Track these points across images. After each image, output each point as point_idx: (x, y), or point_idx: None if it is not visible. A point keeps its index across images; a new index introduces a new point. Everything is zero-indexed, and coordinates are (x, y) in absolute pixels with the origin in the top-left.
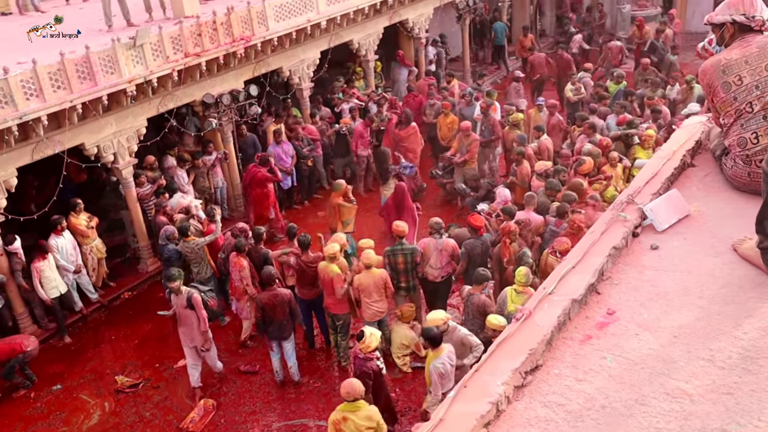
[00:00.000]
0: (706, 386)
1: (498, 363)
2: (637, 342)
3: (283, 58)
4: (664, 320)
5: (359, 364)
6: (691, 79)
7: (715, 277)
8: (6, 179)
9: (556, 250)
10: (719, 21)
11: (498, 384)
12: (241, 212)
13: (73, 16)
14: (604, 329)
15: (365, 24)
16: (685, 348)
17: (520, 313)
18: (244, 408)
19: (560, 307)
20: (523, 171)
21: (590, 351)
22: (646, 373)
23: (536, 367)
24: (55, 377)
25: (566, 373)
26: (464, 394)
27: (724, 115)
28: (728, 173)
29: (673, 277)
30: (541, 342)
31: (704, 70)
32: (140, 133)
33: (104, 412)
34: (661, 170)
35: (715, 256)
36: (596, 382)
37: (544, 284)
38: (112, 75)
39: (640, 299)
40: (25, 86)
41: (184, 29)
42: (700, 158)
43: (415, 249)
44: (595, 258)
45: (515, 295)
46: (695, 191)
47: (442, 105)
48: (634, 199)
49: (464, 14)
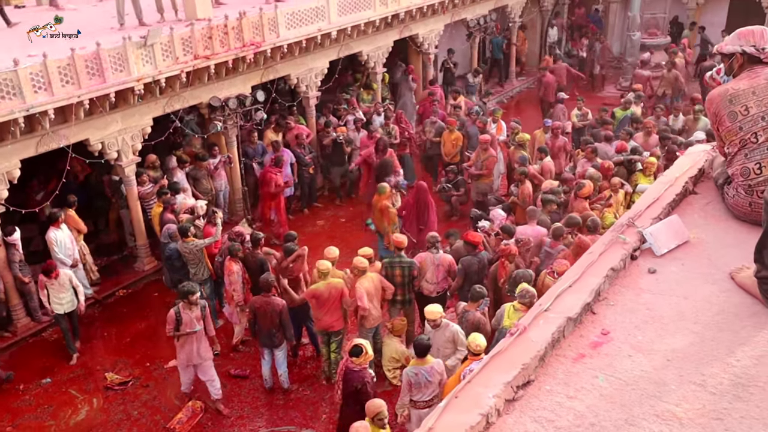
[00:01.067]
0: (696, 410)
1: (491, 375)
2: (630, 363)
3: (292, 66)
4: (657, 343)
5: (355, 377)
6: (699, 110)
7: (711, 303)
8: (9, 170)
9: (554, 271)
10: (729, 51)
11: (489, 396)
12: (240, 216)
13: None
14: (597, 349)
15: (375, 36)
16: (678, 372)
17: (515, 328)
18: (233, 412)
19: (555, 324)
20: (524, 191)
21: (583, 369)
22: (637, 395)
23: (528, 382)
24: (45, 371)
25: (558, 390)
26: (455, 405)
27: (728, 144)
28: (730, 202)
29: (669, 301)
30: (534, 357)
31: (711, 99)
32: (145, 132)
33: (92, 408)
34: (663, 195)
35: (712, 283)
36: (587, 401)
37: (540, 301)
38: (121, 73)
39: (635, 321)
40: (34, 79)
41: (195, 31)
42: (702, 186)
43: (413, 263)
44: (593, 278)
45: (513, 312)
46: (696, 218)
47: (448, 121)
48: (634, 222)
49: (474, 32)
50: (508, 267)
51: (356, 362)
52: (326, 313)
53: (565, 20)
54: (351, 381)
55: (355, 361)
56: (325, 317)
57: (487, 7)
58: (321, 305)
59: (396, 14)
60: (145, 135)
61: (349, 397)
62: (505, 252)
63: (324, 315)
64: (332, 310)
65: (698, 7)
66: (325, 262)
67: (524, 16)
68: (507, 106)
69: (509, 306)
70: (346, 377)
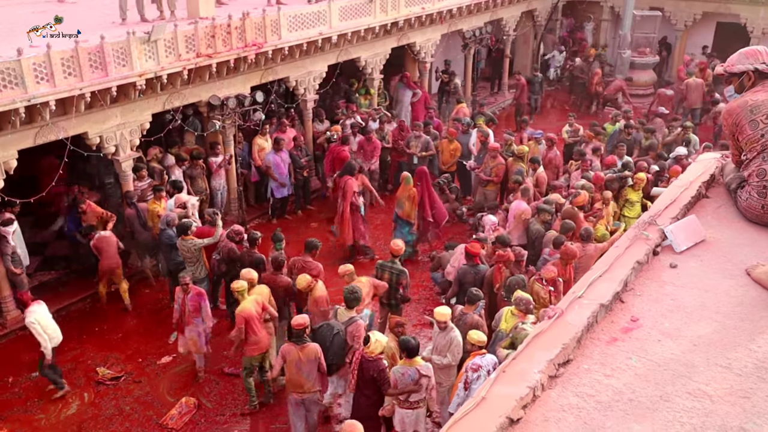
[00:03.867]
0: (724, 389)
1: (534, 353)
2: (660, 347)
3: (292, 68)
4: (684, 330)
5: (371, 366)
6: (689, 126)
7: (730, 296)
8: (6, 160)
9: (542, 278)
10: (740, 70)
11: (535, 371)
12: (235, 215)
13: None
14: (628, 333)
15: (374, 43)
16: (704, 355)
17: (552, 311)
18: (226, 409)
19: (589, 309)
20: None
21: (616, 351)
22: (669, 374)
23: (568, 361)
24: (35, 364)
25: (595, 369)
26: (503, 378)
27: (748, 151)
28: (742, 205)
29: (691, 293)
30: (572, 339)
31: (730, 110)
32: (144, 127)
33: (83, 402)
34: (679, 198)
35: (729, 278)
36: (623, 379)
37: (574, 288)
38: (124, 67)
39: (661, 310)
40: (37, 70)
41: (198, 29)
42: (714, 191)
43: (403, 272)
44: (621, 270)
45: (510, 316)
46: (709, 220)
47: (448, 131)
48: (656, 221)
49: (470, 43)
50: (504, 273)
51: (369, 351)
52: (260, 331)
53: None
54: (367, 370)
55: (368, 349)
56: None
57: (483, 19)
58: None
59: (395, 22)
60: (143, 130)
61: (366, 386)
62: (502, 258)
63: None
64: (260, 330)
65: (686, 29)
66: (242, 282)
67: (518, 30)
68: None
69: (507, 310)
70: (362, 366)
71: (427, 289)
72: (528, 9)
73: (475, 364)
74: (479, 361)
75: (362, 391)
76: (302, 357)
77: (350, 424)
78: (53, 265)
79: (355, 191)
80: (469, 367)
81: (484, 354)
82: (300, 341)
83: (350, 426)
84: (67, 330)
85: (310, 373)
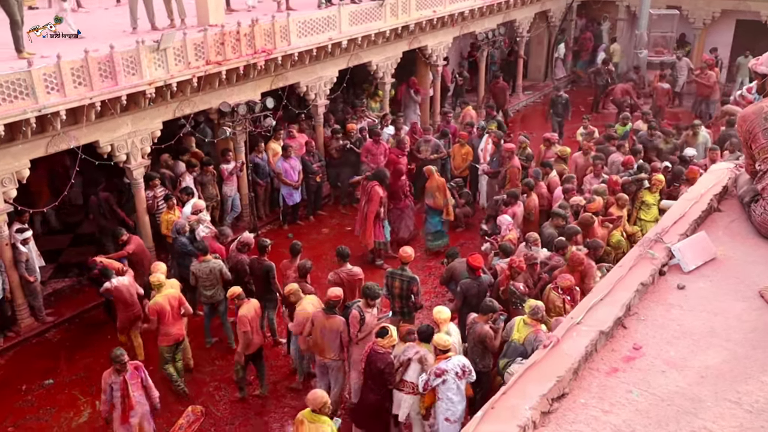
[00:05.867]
0: (732, 428)
1: (526, 387)
2: (664, 379)
3: (302, 74)
4: (690, 359)
5: (380, 359)
6: (697, 125)
7: (742, 321)
8: (19, 170)
9: (558, 287)
10: (763, 71)
11: (526, 408)
12: (247, 222)
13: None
14: (630, 363)
15: (385, 47)
16: (712, 389)
17: (548, 340)
18: (236, 418)
19: (588, 337)
20: (530, 203)
21: (616, 383)
22: (673, 411)
23: (563, 395)
24: (47, 372)
25: (592, 404)
26: (492, 415)
27: (761, 161)
28: (757, 220)
29: (700, 317)
30: (568, 370)
31: (745, 116)
32: (155, 135)
33: (94, 410)
34: (689, 212)
35: (742, 301)
36: (623, 415)
37: (572, 314)
38: (134, 76)
39: (667, 337)
40: (47, 80)
41: (207, 37)
42: (727, 204)
43: (414, 278)
44: (623, 292)
45: (522, 326)
46: (721, 235)
47: (459, 135)
48: (662, 238)
49: (483, 45)
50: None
51: (381, 344)
52: (172, 324)
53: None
54: (375, 362)
55: (380, 342)
56: (172, 329)
57: (495, 21)
58: (165, 318)
59: (406, 26)
60: (154, 138)
61: (373, 378)
62: (511, 264)
63: (170, 327)
64: (176, 321)
65: (705, 27)
66: (158, 275)
67: (532, 31)
68: (513, 120)
69: (519, 320)
70: (370, 359)
71: (439, 296)
72: (542, 10)
73: (440, 369)
74: (443, 365)
75: (369, 385)
76: (327, 326)
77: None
78: (67, 272)
79: (381, 198)
80: (433, 371)
81: (449, 358)
82: (329, 312)
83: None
84: (80, 338)
85: (333, 342)
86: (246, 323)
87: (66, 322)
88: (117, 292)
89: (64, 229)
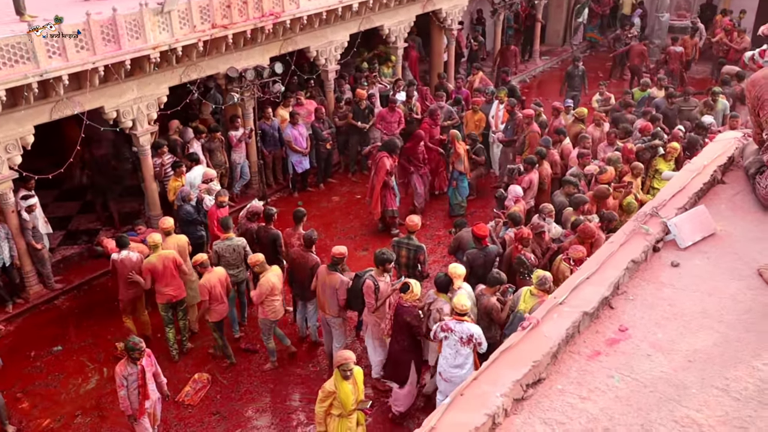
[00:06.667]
0: (718, 417)
1: (499, 372)
2: (649, 363)
3: (312, 38)
4: (679, 342)
5: (406, 312)
6: (718, 91)
7: (736, 301)
8: (23, 136)
9: (570, 258)
10: None
11: (497, 395)
12: (256, 189)
13: None
14: (614, 346)
15: (397, 10)
16: (699, 374)
17: (527, 321)
18: (242, 385)
19: (570, 319)
20: (543, 172)
21: (598, 368)
22: (656, 398)
23: (539, 380)
24: (56, 338)
25: (570, 390)
26: (460, 403)
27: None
28: (761, 193)
29: (693, 297)
30: (546, 354)
31: (754, 81)
32: (161, 101)
33: (102, 377)
34: (690, 184)
35: (738, 280)
36: (601, 402)
37: (555, 293)
38: (137, 40)
39: (656, 318)
40: (49, 44)
41: (213, 0)
42: (732, 175)
43: (420, 247)
44: (612, 270)
45: (529, 297)
46: (723, 209)
47: (472, 101)
48: (658, 212)
49: (499, 9)
50: (522, 251)
51: (405, 298)
52: (166, 285)
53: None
54: (402, 315)
55: (404, 296)
56: (166, 289)
57: None
58: (159, 278)
59: None
60: (161, 104)
61: (400, 332)
62: (518, 235)
63: (164, 287)
64: (171, 281)
65: None
66: (156, 235)
67: None
68: (529, 85)
69: (526, 290)
70: (398, 312)
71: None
72: None
73: (446, 325)
74: (452, 324)
75: (396, 337)
76: (327, 282)
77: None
78: (76, 239)
79: (387, 170)
80: (441, 325)
81: (462, 322)
82: (332, 268)
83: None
84: (89, 305)
85: (331, 298)
86: (205, 293)
87: (75, 289)
88: (121, 265)
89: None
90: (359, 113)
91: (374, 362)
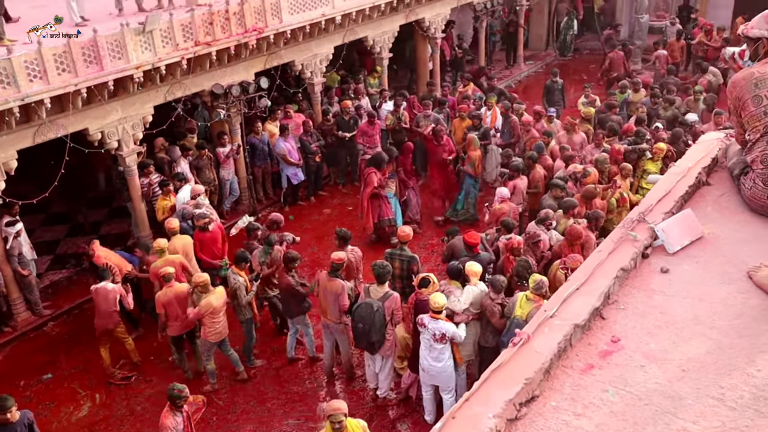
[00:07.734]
0: (714, 428)
1: (491, 392)
2: (643, 375)
3: (296, 52)
4: (672, 351)
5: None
6: (699, 90)
7: (728, 306)
8: (6, 161)
9: (567, 267)
10: (756, 35)
11: (489, 416)
12: (246, 205)
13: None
14: (607, 358)
15: (381, 21)
16: (694, 384)
17: (518, 337)
18: (238, 407)
19: (561, 332)
20: (535, 175)
21: (591, 382)
22: (651, 411)
23: (532, 398)
24: (46, 366)
25: (564, 407)
26: (452, 427)
27: (750, 131)
28: (746, 194)
29: (684, 303)
30: (539, 371)
31: (735, 82)
32: (146, 120)
33: (94, 404)
34: (675, 188)
35: (728, 283)
36: (596, 418)
37: (544, 306)
38: (120, 60)
39: (648, 327)
40: (29, 67)
41: (195, 17)
42: (716, 177)
43: (413, 258)
44: (602, 280)
45: (525, 302)
46: (710, 211)
47: (459, 108)
48: (645, 218)
49: (482, 16)
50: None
51: (425, 292)
52: (176, 318)
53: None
54: (422, 308)
55: (424, 291)
56: (176, 323)
57: None
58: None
59: None
60: (146, 123)
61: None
62: (508, 246)
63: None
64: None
65: None
66: (162, 240)
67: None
68: (515, 90)
69: (522, 295)
70: (417, 307)
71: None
72: None
73: (421, 320)
74: (426, 320)
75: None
76: (328, 288)
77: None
78: (64, 263)
79: (375, 186)
80: (418, 319)
81: (437, 320)
82: (332, 275)
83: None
84: (79, 330)
85: (332, 304)
86: (160, 307)
87: (64, 314)
88: (95, 295)
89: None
90: (344, 124)
91: (380, 379)
